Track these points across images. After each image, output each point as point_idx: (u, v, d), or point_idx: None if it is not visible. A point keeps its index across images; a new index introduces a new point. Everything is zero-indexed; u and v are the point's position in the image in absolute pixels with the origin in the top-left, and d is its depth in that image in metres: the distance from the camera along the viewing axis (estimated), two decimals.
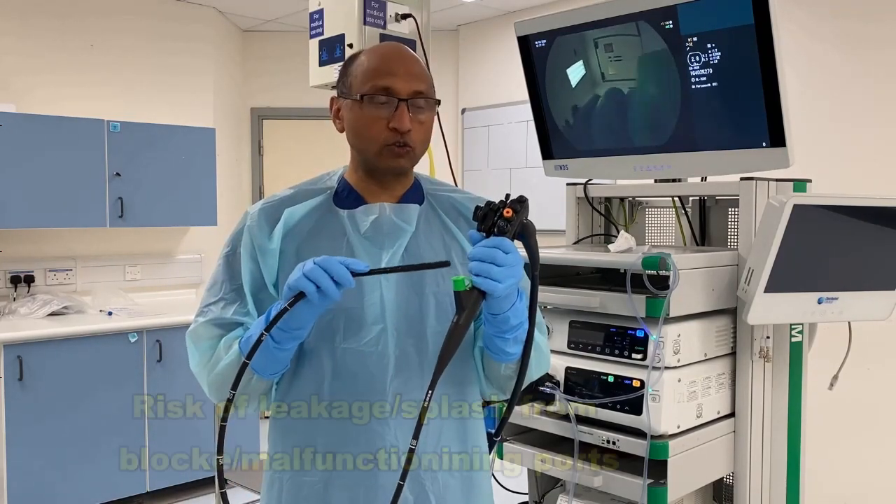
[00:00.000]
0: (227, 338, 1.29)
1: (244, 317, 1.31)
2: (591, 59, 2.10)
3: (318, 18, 2.38)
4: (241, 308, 1.32)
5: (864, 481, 3.36)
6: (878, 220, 1.81)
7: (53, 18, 4.27)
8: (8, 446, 3.46)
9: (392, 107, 1.28)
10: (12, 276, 4.08)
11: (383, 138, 1.29)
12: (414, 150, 1.31)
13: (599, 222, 2.39)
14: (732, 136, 1.92)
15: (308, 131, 5.33)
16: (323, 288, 1.13)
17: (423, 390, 1.28)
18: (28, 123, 3.82)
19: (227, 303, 1.32)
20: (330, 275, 1.14)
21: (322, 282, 1.13)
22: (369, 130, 1.29)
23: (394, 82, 1.28)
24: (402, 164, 1.31)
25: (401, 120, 1.27)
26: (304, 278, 1.14)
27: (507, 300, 1.21)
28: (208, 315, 1.32)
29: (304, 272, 1.14)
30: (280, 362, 1.25)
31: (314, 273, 1.14)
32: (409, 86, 1.29)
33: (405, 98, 1.28)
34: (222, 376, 1.27)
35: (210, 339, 1.30)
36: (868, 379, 3.21)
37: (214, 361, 1.28)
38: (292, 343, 1.23)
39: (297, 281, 1.14)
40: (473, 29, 5.27)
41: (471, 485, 1.36)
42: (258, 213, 1.35)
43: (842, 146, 3.45)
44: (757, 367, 1.93)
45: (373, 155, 1.31)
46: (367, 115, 1.29)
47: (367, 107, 1.29)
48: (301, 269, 1.16)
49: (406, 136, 1.29)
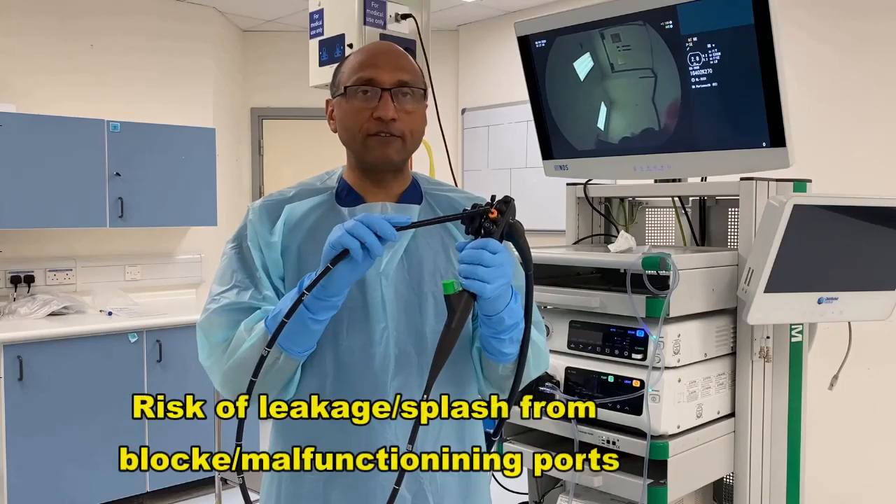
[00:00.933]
0: (249, 320, 1.24)
1: (261, 302, 1.27)
2: (598, 51, 2.10)
3: (318, 18, 2.38)
4: (257, 293, 1.28)
5: (864, 481, 3.36)
6: (878, 220, 1.81)
7: (53, 18, 4.27)
8: (8, 446, 3.46)
9: (376, 97, 1.28)
10: (12, 276, 4.08)
11: (368, 129, 1.29)
12: (403, 140, 1.31)
13: (599, 222, 2.39)
14: (732, 136, 1.92)
15: (308, 131, 5.33)
16: (368, 244, 1.11)
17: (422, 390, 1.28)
18: (28, 123, 3.82)
19: (241, 289, 1.28)
20: (373, 230, 1.12)
21: (366, 237, 1.11)
22: (354, 122, 1.30)
23: (376, 73, 1.29)
24: (389, 154, 1.30)
25: (384, 109, 1.27)
26: (347, 235, 1.12)
27: (499, 301, 1.21)
28: (221, 302, 1.27)
29: (347, 229, 1.12)
30: (311, 336, 1.21)
31: (357, 229, 1.12)
32: (393, 76, 1.29)
33: (388, 87, 1.28)
34: (242, 362, 1.21)
35: (224, 327, 1.26)
36: (868, 379, 3.21)
37: (234, 347, 1.23)
38: (326, 314, 1.19)
39: (341, 238, 1.12)
40: (473, 29, 5.27)
41: (469, 485, 1.36)
42: (259, 209, 1.35)
43: (842, 146, 3.45)
44: (757, 367, 1.93)
45: (359, 147, 1.31)
46: (352, 107, 1.30)
47: (353, 99, 1.30)
48: (341, 227, 1.14)
49: (391, 126, 1.28)
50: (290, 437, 1.33)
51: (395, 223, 1.14)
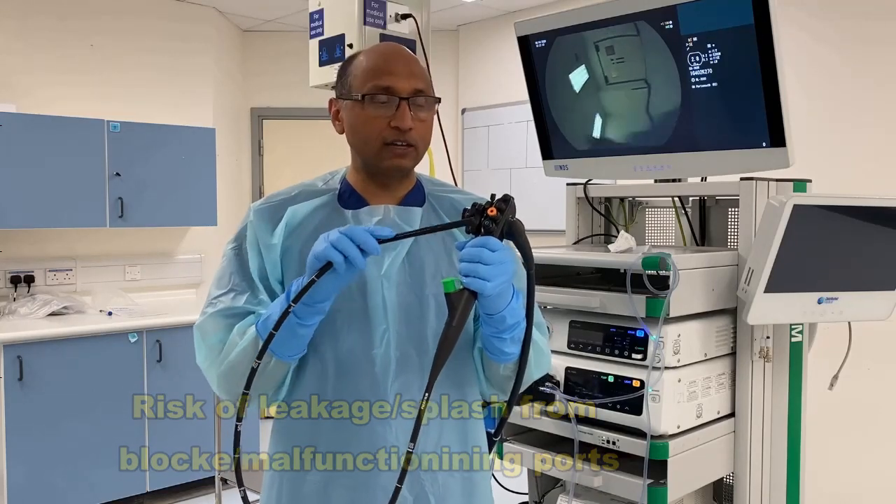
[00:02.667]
0: (241, 324, 1.27)
1: (256, 306, 1.30)
2: (593, 63, 2.11)
3: (318, 18, 2.38)
4: (252, 298, 1.30)
5: (864, 481, 3.36)
6: (878, 220, 1.81)
7: (53, 18, 4.27)
8: (8, 446, 3.46)
9: (393, 106, 1.28)
10: (12, 276, 4.08)
11: (384, 137, 1.29)
12: (416, 148, 1.31)
13: (599, 222, 2.39)
14: (732, 136, 1.92)
15: (308, 131, 5.33)
16: (350, 257, 1.13)
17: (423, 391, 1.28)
18: (28, 123, 3.81)
19: (237, 293, 1.30)
20: (356, 243, 1.14)
21: (349, 251, 1.13)
22: (370, 130, 1.29)
23: (394, 81, 1.28)
24: (403, 163, 1.31)
25: (402, 118, 1.27)
26: (331, 248, 1.14)
27: (500, 299, 1.21)
28: (218, 306, 1.30)
29: (331, 241, 1.14)
30: (301, 340, 1.24)
31: (341, 243, 1.14)
32: (410, 84, 1.29)
33: (406, 97, 1.28)
34: (236, 364, 1.24)
35: (219, 331, 1.28)
36: (868, 379, 3.21)
37: (227, 350, 1.26)
38: (314, 319, 1.22)
39: (325, 251, 1.14)
40: (473, 29, 5.27)
41: (470, 485, 1.36)
42: (261, 210, 1.35)
43: (842, 146, 3.45)
44: (757, 367, 1.93)
45: (373, 154, 1.31)
46: (368, 115, 1.29)
47: (369, 106, 1.29)
48: (326, 239, 1.16)
49: (408, 135, 1.29)
50: (290, 437, 1.33)
51: (379, 236, 1.16)
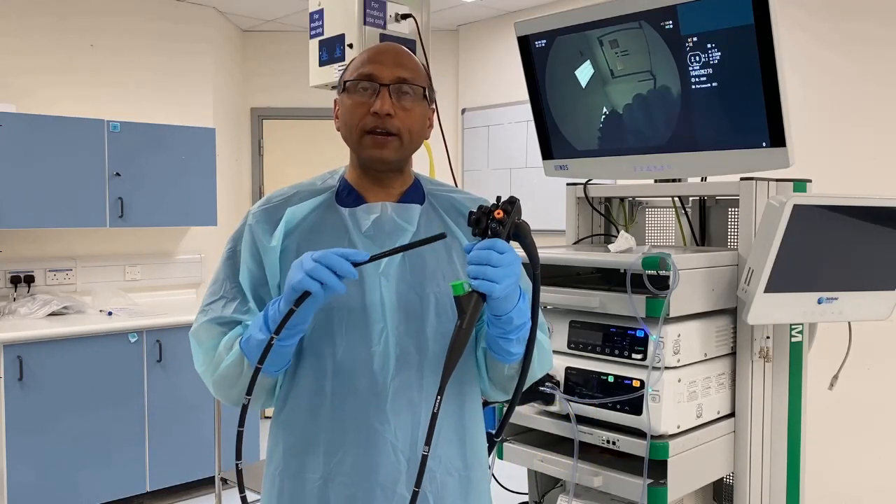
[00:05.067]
0: (228, 337, 1.29)
1: (244, 314, 1.31)
2: (598, 58, 2.10)
3: (318, 18, 2.38)
4: (242, 306, 1.32)
5: (864, 481, 3.36)
6: (878, 220, 1.81)
7: (53, 18, 4.27)
8: (8, 446, 3.46)
9: (374, 92, 1.29)
10: (12, 276, 4.08)
11: (364, 125, 1.29)
12: (400, 139, 1.31)
13: (599, 222, 2.39)
14: (732, 136, 1.92)
15: (308, 131, 5.33)
16: (328, 285, 1.14)
17: (422, 389, 1.28)
18: (28, 123, 3.81)
19: (227, 301, 1.32)
20: (332, 270, 1.14)
21: (326, 279, 1.14)
22: (353, 118, 1.31)
23: (377, 69, 1.30)
24: (384, 154, 1.31)
25: (379, 104, 1.28)
26: (307, 278, 1.14)
27: (508, 300, 1.21)
28: (209, 314, 1.32)
29: (307, 271, 1.15)
30: (283, 358, 1.26)
31: (317, 272, 1.14)
32: (393, 73, 1.30)
33: (387, 83, 1.29)
34: (225, 377, 1.28)
35: (212, 338, 1.31)
36: (868, 379, 3.21)
37: (217, 362, 1.29)
38: (295, 339, 1.24)
39: (301, 282, 1.15)
40: (473, 29, 5.27)
41: (470, 485, 1.36)
42: (260, 213, 1.35)
43: (842, 146, 3.45)
44: (757, 367, 1.93)
45: (356, 143, 1.32)
46: (351, 102, 1.31)
47: (352, 94, 1.31)
48: (301, 268, 1.16)
49: (387, 122, 1.28)
50: (289, 436, 1.33)
51: (353, 260, 1.16)
